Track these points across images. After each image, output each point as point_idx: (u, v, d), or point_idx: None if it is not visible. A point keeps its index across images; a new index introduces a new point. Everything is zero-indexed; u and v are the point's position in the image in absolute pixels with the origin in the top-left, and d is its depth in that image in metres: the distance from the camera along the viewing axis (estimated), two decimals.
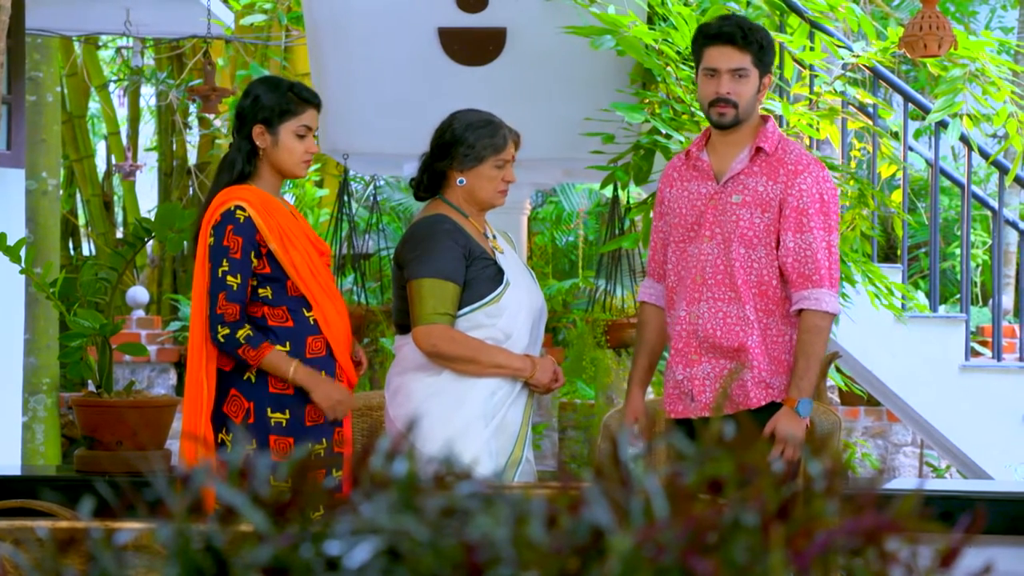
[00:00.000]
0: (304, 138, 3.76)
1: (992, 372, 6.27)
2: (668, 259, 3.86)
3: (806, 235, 3.73)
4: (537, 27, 5.48)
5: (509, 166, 3.83)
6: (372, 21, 5.59)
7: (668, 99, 5.32)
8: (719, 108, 3.73)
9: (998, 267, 6.39)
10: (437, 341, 3.72)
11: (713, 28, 3.77)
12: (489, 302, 3.76)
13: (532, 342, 3.86)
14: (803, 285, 3.73)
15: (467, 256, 3.76)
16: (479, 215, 3.89)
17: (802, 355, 3.72)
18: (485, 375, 3.76)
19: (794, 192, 3.72)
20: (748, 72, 3.72)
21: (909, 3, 12.64)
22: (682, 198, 3.83)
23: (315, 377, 3.69)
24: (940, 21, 4.94)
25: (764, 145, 3.76)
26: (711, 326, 3.75)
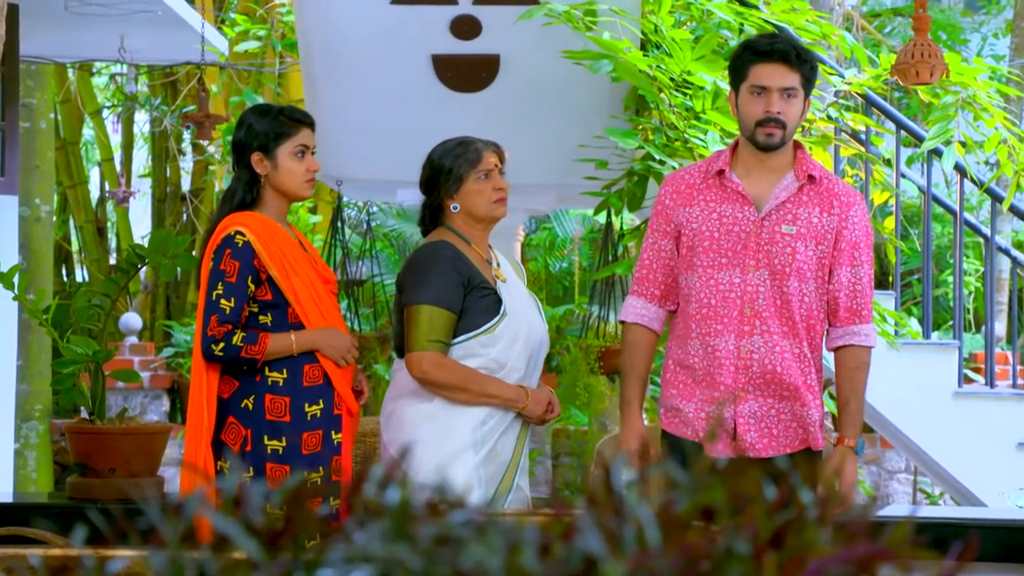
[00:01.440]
0: (303, 157, 3.79)
1: (985, 399, 6.27)
2: (686, 284, 3.65)
3: (858, 269, 3.64)
4: (531, 54, 5.50)
5: (495, 174, 3.83)
6: (366, 48, 5.61)
7: (662, 125, 5.34)
8: (768, 128, 3.57)
9: (991, 294, 6.41)
10: (428, 368, 3.74)
11: (764, 45, 3.62)
12: (484, 332, 3.77)
13: (529, 372, 3.85)
14: (851, 320, 3.65)
15: (465, 284, 3.76)
16: (483, 239, 3.89)
17: (854, 394, 3.64)
18: (476, 404, 3.76)
19: (849, 225, 3.62)
20: (797, 92, 3.59)
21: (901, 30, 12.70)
22: (710, 220, 3.62)
23: (314, 335, 3.73)
24: (932, 49, 4.97)
25: (814, 173, 3.63)
26: (770, 362, 3.57)
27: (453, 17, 5.49)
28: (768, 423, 3.60)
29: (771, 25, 5.68)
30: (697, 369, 3.62)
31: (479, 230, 3.87)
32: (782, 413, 3.60)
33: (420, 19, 5.51)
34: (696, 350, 3.62)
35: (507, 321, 3.79)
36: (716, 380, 3.59)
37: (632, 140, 5.09)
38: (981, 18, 13.72)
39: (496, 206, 3.84)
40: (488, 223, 3.88)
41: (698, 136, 5.20)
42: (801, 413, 3.61)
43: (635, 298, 3.76)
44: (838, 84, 5.75)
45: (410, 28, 5.53)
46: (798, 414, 3.61)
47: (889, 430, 6.28)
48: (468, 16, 5.49)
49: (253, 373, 3.71)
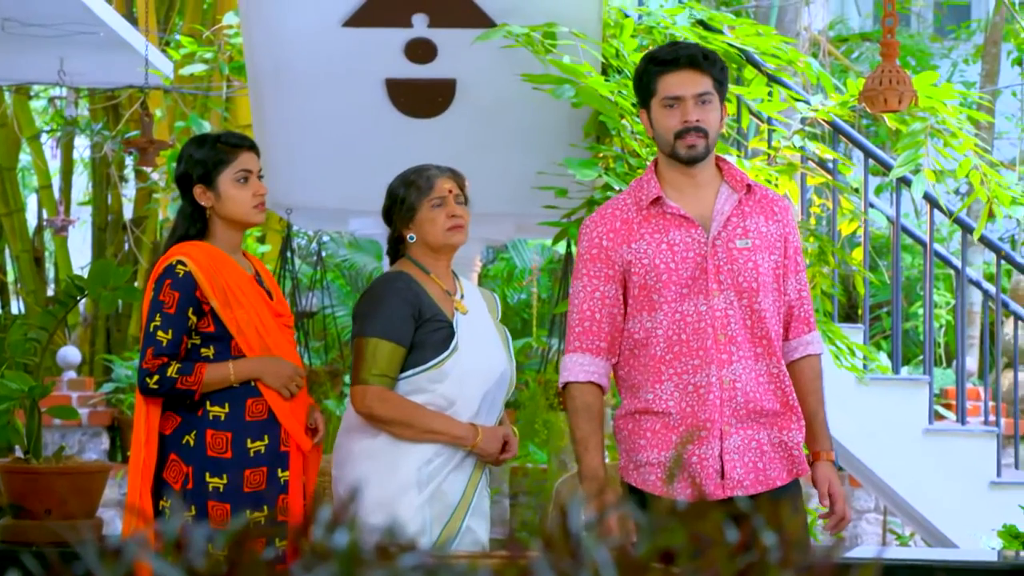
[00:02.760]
0: (247, 182, 3.79)
1: (957, 436, 6.32)
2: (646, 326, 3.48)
3: (801, 276, 3.63)
4: (488, 78, 5.52)
5: (450, 202, 3.83)
6: (317, 71, 5.62)
7: (623, 153, 5.37)
8: (688, 139, 3.47)
9: (962, 328, 6.46)
10: (370, 402, 3.74)
11: (668, 53, 3.55)
12: (431, 367, 3.76)
13: (485, 410, 3.83)
14: (802, 330, 3.63)
15: (416, 317, 3.76)
16: (444, 270, 3.89)
17: (820, 404, 3.61)
18: (422, 440, 3.75)
19: (790, 231, 3.60)
20: (712, 97, 3.51)
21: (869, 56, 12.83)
22: (662, 252, 3.48)
23: (253, 363, 3.71)
24: (900, 75, 5.02)
25: (750, 182, 3.58)
26: (752, 389, 3.47)
27: (407, 40, 5.51)
28: (752, 456, 3.49)
29: (735, 49, 5.74)
30: (674, 413, 3.45)
31: (439, 260, 3.88)
32: (764, 443, 3.50)
33: (373, 42, 5.52)
34: (671, 393, 3.46)
35: (457, 356, 3.78)
36: (702, 419, 3.44)
37: (591, 171, 5.11)
38: (950, 43, 13.89)
39: (451, 234, 3.84)
40: (447, 252, 3.88)
41: None
42: (784, 439, 3.52)
43: (579, 355, 3.54)
44: (804, 111, 5.80)
45: (363, 51, 5.54)
46: (781, 440, 3.52)
47: (858, 468, 6.31)
48: (423, 39, 5.51)
49: (195, 408, 3.69)
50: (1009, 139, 12.27)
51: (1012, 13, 9.29)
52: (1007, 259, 6.46)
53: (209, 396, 3.69)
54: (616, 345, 3.55)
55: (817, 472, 3.59)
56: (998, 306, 6.45)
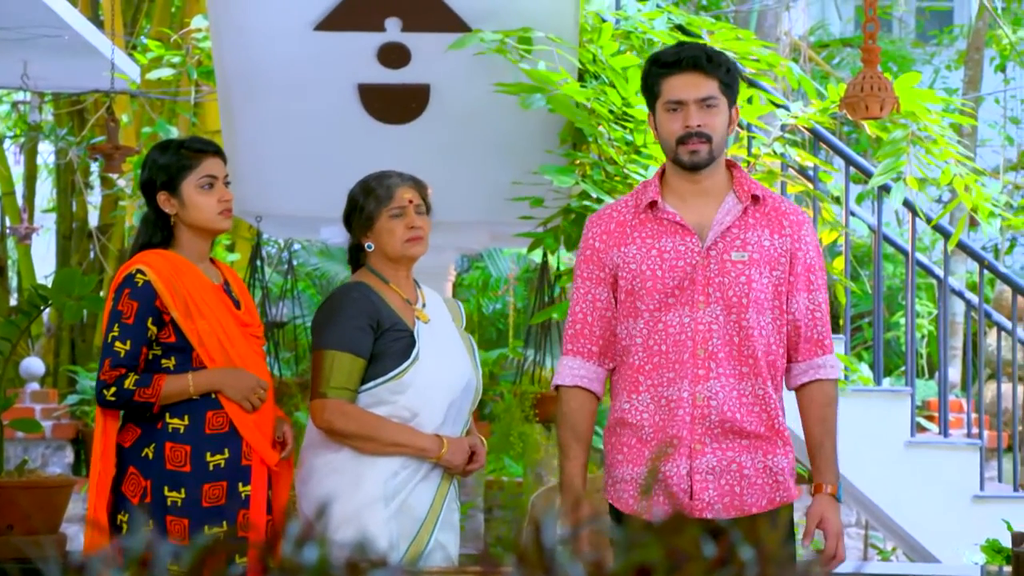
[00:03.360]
0: (212, 188, 3.77)
1: (939, 448, 6.34)
2: (629, 333, 3.45)
3: (815, 294, 3.50)
4: (462, 84, 5.52)
5: (410, 212, 3.81)
6: (288, 76, 5.61)
7: (600, 160, 5.38)
8: (690, 145, 3.41)
9: (944, 338, 6.48)
10: (331, 416, 3.72)
11: (671, 55, 3.46)
12: (392, 378, 3.74)
13: (451, 421, 3.81)
14: (813, 352, 3.51)
15: (375, 327, 3.74)
16: (404, 279, 3.88)
17: (827, 434, 3.50)
18: (385, 453, 3.73)
19: (802, 246, 3.48)
20: (717, 101, 3.42)
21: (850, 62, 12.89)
22: (650, 258, 3.43)
23: (213, 375, 3.69)
24: (882, 82, 5.04)
25: (757, 192, 3.48)
26: (730, 408, 3.39)
27: (380, 44, 5.51)
28: (730, 479, 3.40)
29: None
30: (647, 426, 3.42)
31: (399, 269, 3.86)
32: (746, 467, 3.41)
33: (345, 46, 5.52)
34: (646, 405, 3.42)
35: (419, 366, 3.76)
36: (670, 435, 3.39)
37: (568, 178, 5.12)
38: (933, 49, 13.95)
39: (409, 245, 3.81)
40: (405, 262, 3.87)
41: (638, 171, 5.24)
42: (768, 464, 3.43)
43: (571, 358, 3.52)
44: (784, 118, 5.82)
45: (335, 56, 5.54)
46: (765, 466, 3.43)
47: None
48: (396, 44, 5.51)
49: (154, 420, 3.67)
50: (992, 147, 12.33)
51: (995, 18, 9.35)
52: (990, 269, 6.49)
53: (169, 408, 3.67)
54: (610, 351, 3.51)
55: (812, 506, 3.48)
56: (981, 316, 6.48)
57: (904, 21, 14.69)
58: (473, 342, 4.01)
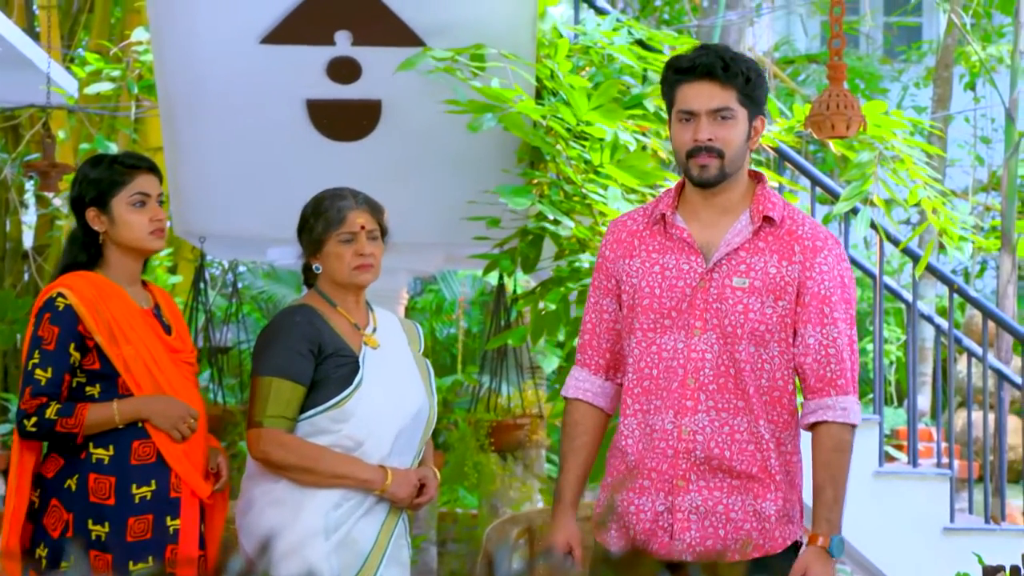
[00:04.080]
0: (144, 206, 3.74)
1: (908, 479, 6.37)
2: (627, 350, 3.38)
3: (829, 329, 3.33)
4: (415, 100, 5.53)
5: (361, 238, 3.76)
6: (233, 91, 5.60)
7: (558, 179, 5.39)
8: (700, 159, 3.29)
9: (913, 365, 6.52)
10: (266, 447, 3.67)
11: (686, 61, 3.33)
12: (333, 406, 3.69)
13: (399, 451, 3.76)
14: (824, 391, 3.35)
15: (316, 352, 3.70)
16: (353, 302, 3.83)
17: (830, 480, 3.34)
18: (326, 486, 3.68)
19: (815, 275, 3.32)
20: (733, 113, 3.30)
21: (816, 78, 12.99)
22: (651, 274, 3.34)
23: (140, 403, 3.63)
24: (848, 100, 5.08)
25: (772, 213, 3.34)
26: (717, 445, 3.28)
27: (330, 59, 5.51)
28: (714, 521, 3.29)
29: None
30: (630, 453, 3.33)
31: (347, 293, 3.82)
32: (734, 509, 3.29)
33: (293, 60, 5.52)
34: (632, 430, 3.34)
35: (361, 394, 3.71)
36: (647, 467, 3.31)
37: (524, 199, 5.12)
38: (900, 65, 14.09)
39: (357, 273, 3.77)
40: (351, 289, 3.82)
41: (597, 191, 5.26)
42: (756, 508, 3.31)
43: (578, 369, 3.49)
44: None
45: (282, 70, 5.53)
46: (754, 509, 3.31)
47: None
48: (346, 58, 5.51)
49: (78, 451, 3.62)
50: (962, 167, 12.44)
51: (964, 35, 9.44)
52: (960, 293, 6.54)
53: (93, 438, 3.62)
54: (620, 365, 3.44)
55: (799, 557, 3.33)
56: (951, 342, 6.52)
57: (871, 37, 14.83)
58: (430, 367, 3.96)
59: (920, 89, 13.06)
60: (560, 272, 5.31)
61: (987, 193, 11.91)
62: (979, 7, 10.53)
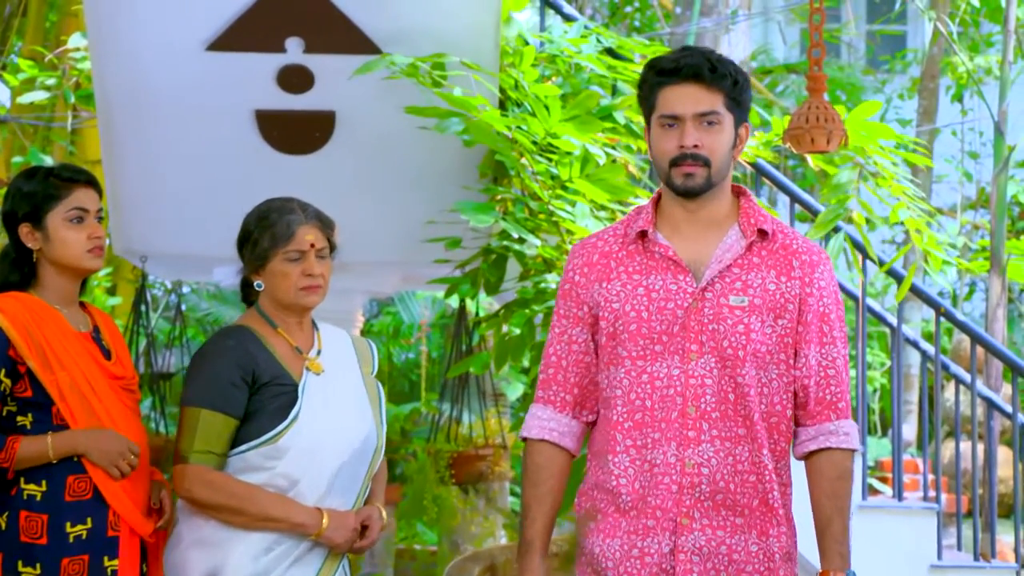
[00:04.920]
0: (82, 223, 3.71)
1: (893, 513, 6.39)
2: (610, 383, 3.30)
3: (829, 348, 3.32)
4: (371, 111, 5.52)
5: (310, 257, 3.67)
6: (177, 101, 5.58)
7: (523, 196, 5.39)
8: (685, 167, 3.25)
9: (898, 392, 6.55)
10: (191, 485, 3.58)
11: (670, 62, 3.29)
12: (266, 441, 3.60)
13: (339, 489, 3.65)
14: (824, 416, 3.32)
15: (249, 381, 3.61)
16: (296, 324, 3.74)
17: (837, 512, 3.29)
18: (256, 529, 3.59)
19: (815, 291, 3.31)
20: (720, 118, 3.26)
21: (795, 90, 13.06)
22: (636, 298, 3.28)
23: (76, 436, 3.58)
24: (829, 113, 5.10)
25: (765, 226, 3.32)
26: (723, 477, 3.22)
27: (280, 67, 5.50)
28: (717, 563, 3.23)
29: None
30: (624, 494, 3.25)
31: (290, 314, 3.73)
32: (737, 550, 3.24)
33: (241, 68, 5.50)
34: (624, 468, 3.26)
35: (298, 428, 3.60)
36: (650, 505, 3.23)
37: (487, 216, 5.12)
38: (884, 76, 14.18)
39: (304, 295, 3.68)
40: (295, 310, 3.73)
41: (564, 208, 5.27)
42: (762, 547, 3.26)
43: (540, 407, 3.39)
44: None
45: (229, 79, 5.52)
46: (759, 549, 3.26)
47: None
48: (298, 66, 5.50)
49: (8, 486, 3.57)
50: (949, 183, 12.51)
51: (950, 44, 9.51)
52: (947, 316, 6.57)
53: (24, 472, 3.57)
54: (589, 401, 3.37)
55: None
56: (938, 368, 6.55)
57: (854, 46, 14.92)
58: (381, 391, 3.84)
59: (905, 101, 13.14)
60: (525, 294, 5.31)
61: (975, 211, 11.98)
62: (966, 15, 10.61)
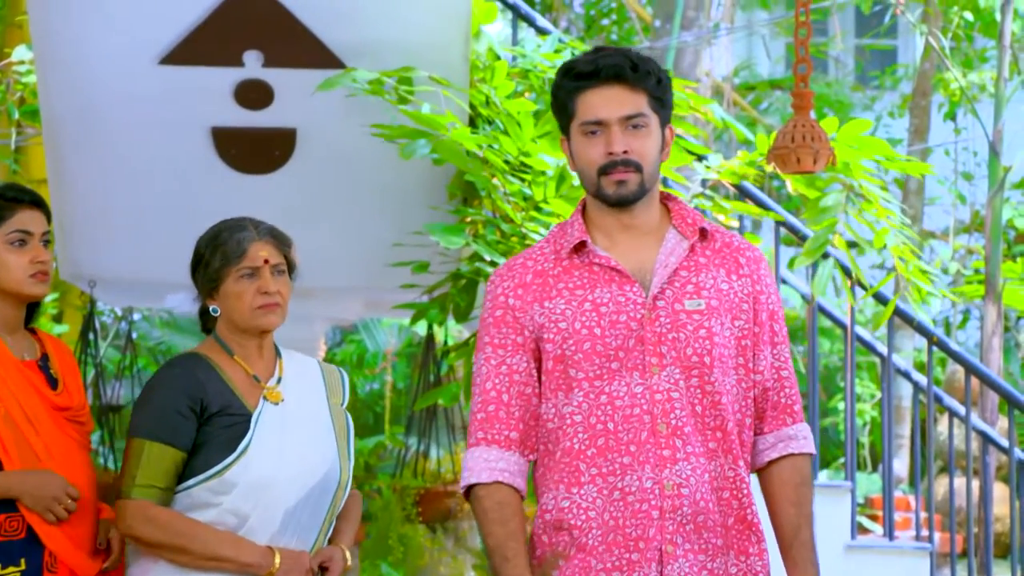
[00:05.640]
0: (25, 245, 3.69)
1: (884, 553, 6.39)
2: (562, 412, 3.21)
3: (781, 348, 3.32)
4: (335, 128, 5.52)
5: (265, 273, 3.63)
6: (128, 118, 5.57)
7: (494, 217, 5.39)
8: (616, 175, 3.20)
9: (889, 426, 6.56)
10: (132, 522, 3.53)
11: (587, 64, 3.23)
12: (212, 475, 3.55)
13: (295, 527, 3.61)
14: (781, 420, 3.31)
15: (197, 410, 3.56)
16: (256, 350, 3.69)
17: (805, 520, 3.30)
18: (203, 569, 3.54)
19: (763, 288, 3.30)
20: (647, 120, 3.22)
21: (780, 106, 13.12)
22: (584, 313, 3.20)
23: (11, 479, 3.54)
24: (816, 131, 5.11)
25: (705, 225, 3.30)
26: (703, 497, 3.17)
27: (238, 82, 5.50)
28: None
29: None
30: (595, 529, 3.16)
31: (249, 339, 3.69)
32: (717, 573, 3.20)
33: (196, 83, 5.50)
34: (592, 500, 3.18)
35: (248, 461, 3.56)
36: (631, 537, 3.14)
37: (457, 238, 5.11)
38: (873, 92, 14.24)
39: (261, 314, 3.63)
40: (256, 333, 3.69)
41: (538, 230, 5.27)
42: (743, 568, 3.24)
43: (483, 449, 3.25)
44: (705, 172, 5.88)
45: (184, 94, 5.51)
46: (739, 570, 3.23)
47: None
48: (257, 81, 5.50)
49: None
50: (942, 205, 12.55)
51: (943, 60, 9.54)
52: (940, 346, 6.58)
53: None
54: (533, 435, 3.26)
55: None
56: (930, 401, 6.57)
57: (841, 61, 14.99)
58: (350, 423, 3.79)
59: (895, 119, 13.20)
60: None
61: (969, 235, 12.02)
62: (959, 29, 10.66)
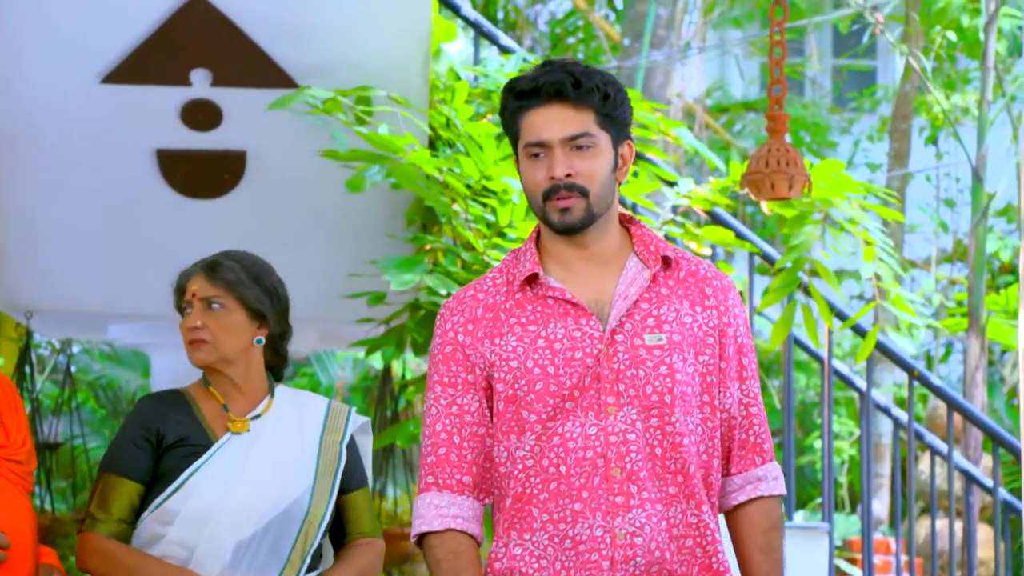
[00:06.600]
0: None
1: None
2: (514, 455, 3.14)
3: (749, 384, 3.25)
4: (287, 151, 5.53)
5: (195, 306, 3.68)
6: (69, 139, 5.57)
7: (455, 245, 5.40)
8: (559, 201, 3.11)
9: (868, 464, 6.58)
10: (84, 555, 3.62)
11: (526, 82, 3.15)
12: (157, 506, 3.62)
13: (253, 562, 3.61)
14: (750, 461, 3.24)
15: (153, 441, 3.64)
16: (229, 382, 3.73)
17: (775, 567, 3.22)
18: None
19: (731, 320, 3.22)
20: (594, 139, 3.12)
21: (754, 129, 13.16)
22: (537, 350, 3.12)
23: None
24: (791, 156, 5.14)
25: (669, 252, 3.21)
26: (659, 546, 3.09)
27: (185, 102, 5.51)
28: None
29: None
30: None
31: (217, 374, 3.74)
32: None
33: (140, 103, 5.50)
34: (543, 548, 3.11)
35: (187, 490, 3.60)
36: None
37: (411, 275, 5.10)
38: (851, 115, 14.29)
39: (190, 351, 3.71)
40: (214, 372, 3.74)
41: (500, 258, 5.29)
42: None
43: (435, 494, 3.18)
44: (676, 198, 5.90)
45: (127, 114, 5.51)
46: None
47: None
48: (204, 101, 5.51)
49: None
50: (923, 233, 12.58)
51: (924, 81, 9.60)
52: (921, 380, 6.61)
53: None
54: (488, 478, 3.19)
55: None
56: (911, 438, 6.60)
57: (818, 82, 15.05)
58: (342, 459, 3.77)
59: (874, 143, 13.24)
60: None
61: (952, 264, 12.07)
62: (941, 50, 10.71)
